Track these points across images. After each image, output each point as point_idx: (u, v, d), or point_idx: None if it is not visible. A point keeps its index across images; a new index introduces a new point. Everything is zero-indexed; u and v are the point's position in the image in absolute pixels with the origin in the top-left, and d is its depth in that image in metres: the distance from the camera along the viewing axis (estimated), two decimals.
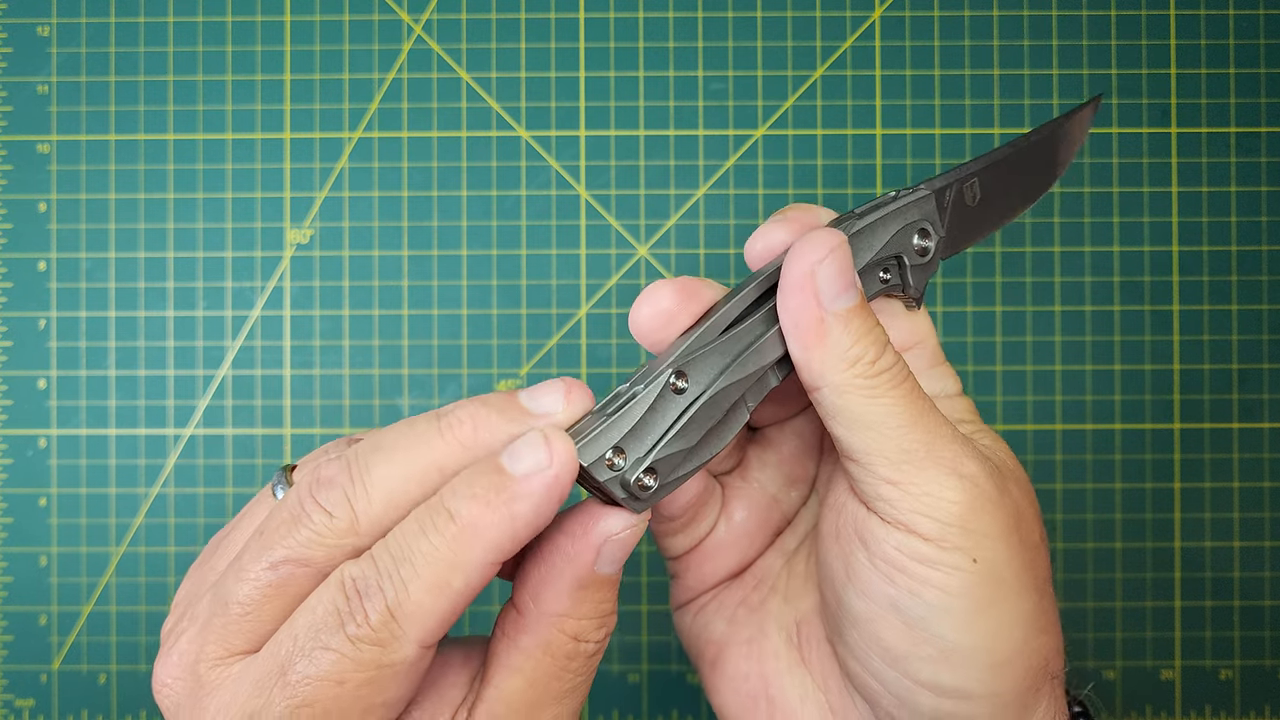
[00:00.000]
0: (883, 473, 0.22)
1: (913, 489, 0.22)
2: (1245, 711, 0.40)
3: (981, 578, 0.22)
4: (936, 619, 0.22)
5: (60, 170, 0.40)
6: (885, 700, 0.23)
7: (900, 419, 0.22)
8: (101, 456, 0.40)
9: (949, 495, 0.22)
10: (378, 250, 0.40)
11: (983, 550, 0.22)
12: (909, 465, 0.22)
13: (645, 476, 0.22)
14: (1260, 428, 0.40)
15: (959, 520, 0.22)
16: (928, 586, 0.22)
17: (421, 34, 0.40)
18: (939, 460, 0.22)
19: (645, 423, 0.22)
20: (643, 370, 0.23)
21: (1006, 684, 0.22)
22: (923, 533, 0.22)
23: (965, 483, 0.22)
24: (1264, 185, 0.40)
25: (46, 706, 0.40)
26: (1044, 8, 0.40)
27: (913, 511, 0.22)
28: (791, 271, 0.22)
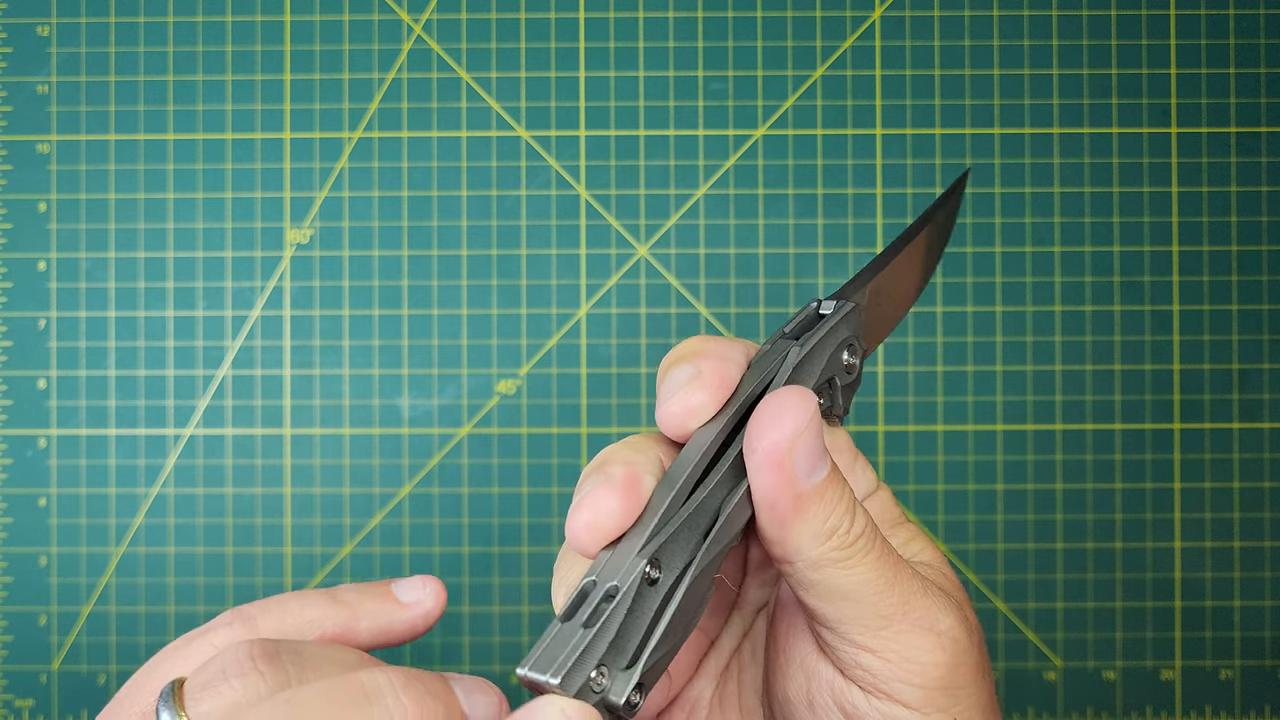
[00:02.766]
0: (860, 640, 0.21)
1: (892, 655, 0.21)
2: (1245, 711, 0.40)
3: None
4: None
5: (60, 170, 0.40)
6: None
7: (876, 585, 0.21)
8: (101, 457, 0.40)
9: (930, 658, 0.21)
10: (377, 250, 0.40)
11: (960, 704, 0.21)
12: (887, 632, 0.21)
13: (633, 694, 0.20)
14: (1260, 428, 0.40)
15: (942, 683, 0.21)
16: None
17: (421, 34, 0.40)
18: (916, 622, 0.21)
19: (625, 629, 0.20)
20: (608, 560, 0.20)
21: None
22: (906, 701, 0.21)
23: (944, 640, 0.21)
24: (1264, 185, 0.40)
25: (46, 706, 0.40)
26: (1044, 8, 0.40)
27: (894, 680, 0.21)
28: (767, 447, 0.20)
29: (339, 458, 0.40)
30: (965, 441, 0.40)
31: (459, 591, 0.40)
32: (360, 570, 0.40)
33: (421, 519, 0.40)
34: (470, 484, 0.40)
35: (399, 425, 0.40)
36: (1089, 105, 0.40)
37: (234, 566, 0.40)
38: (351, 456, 0.40)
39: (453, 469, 0.40)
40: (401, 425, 0.40)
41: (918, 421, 0.40)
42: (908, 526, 0.24)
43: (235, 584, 0.40)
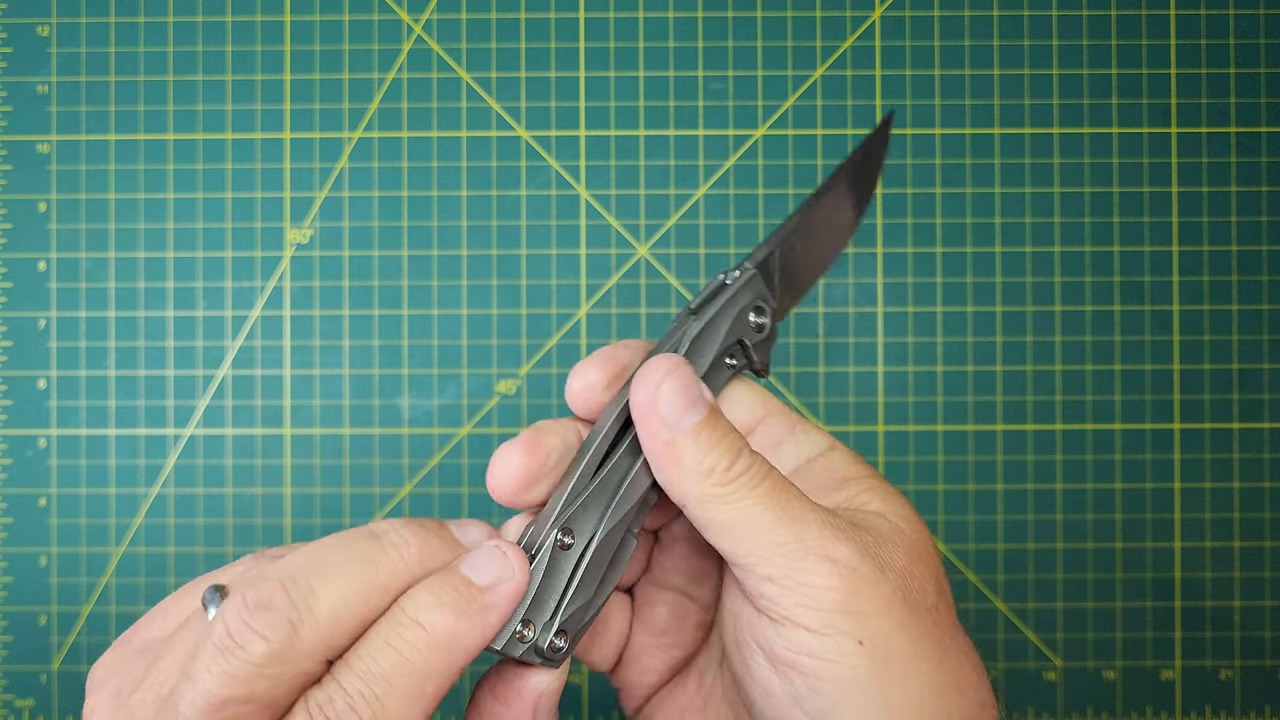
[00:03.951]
0: (760, 571, 0.22)
1: (789, 582, 0.22)
2: (1245, 711, 0.40)
3: (871, 658, 0.22)
4: (838, 709, 0.22)
5: (60, 170, 0.40)
6: None
7: (765, 516, 0.22)
8: (101, 457, 0.40)
9: (823, 583, 0.22)
10: (377, 250, 0.40)
11: (867, 630, 0.22)
12: (782, 559, 0.22)
13: (556, 639, 0.23)
14: (1260, 428, 0.40)
15: (838, 606, 0.22)
16: (822, 680, 0.22)
17: (421, 34, 0.40)
18: (809, 549, 0.22)
19: (544, 589, 0.23)
20: (530, 531, 0.24)
21: None
22: (806, 624, 0.22)
23: (839, 567, 0.22)
24: (1264, 185, 0.40)
25: (46, 707, 0.40)
26: (1044, 7, 0.40)
27: (794, 605, 0.22)
28: (636, 402, 0.23)
29: (339, 458, 0.40)
30: (965, 441, 0.40)
31: None
32: None
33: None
34: (470, 484, 0.40)
35: (399, 425, 0.40)
36: (1089, 105, 0.40)
37: None
38: (352, 456, 0.40)
39: (453, 469, 0.40)
40: (401, 425, 0.40)
41: (918, 421, 0.40)
42: (863, 481, 0.25)
43: None
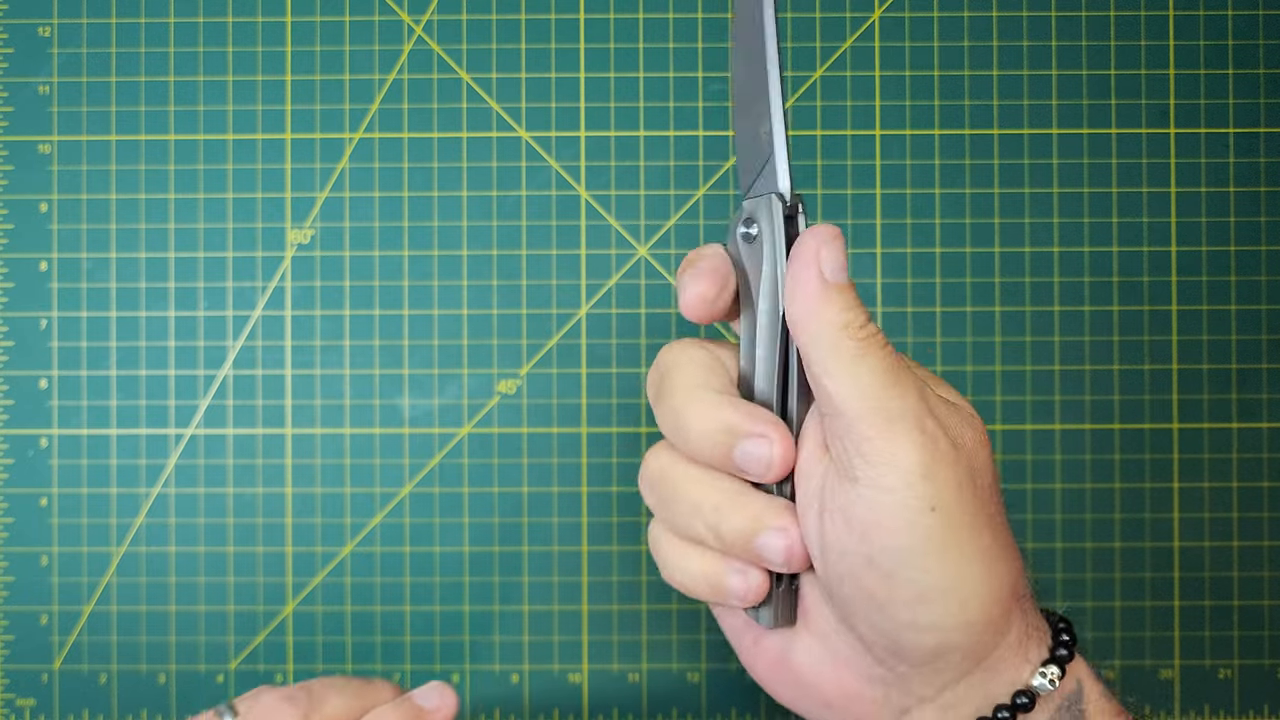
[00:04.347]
0: (861, 429, 0.25)
1: (882, 443, 0.25)
2: (1244, 711, 0.40)
3: (939, 524, 0.25)
4: (907, 566, 0.25)
5: (61, 170, 0.40)
6: (879, 644, 0.26)
7: (877, 378, 0.25)
8: (102, 456, 0.40)
9: (913, 449, 0.25)
10: (378, 250, 0.40)
11: (940, 499, 0.25)
12: (882, 421, 0.25)
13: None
14: (1259, 428, 0.40)
15: (920, 472, 0.24)
16: (896, 537, 0.25)
17: (422, 35, 0.40)
18: (906, 416, 0.25)
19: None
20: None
21: (975, 613, 0.25)
22: (889, 486, 0.24)
23: (926, 438, 0.25)
24: (1263, 186, 0.40)
25: (47, 706, 0.40)
26: (1043, 8, 0.40)
27: (882, 465, 0.25)
28: (802, 250, 0.26)
29: (340, 457, 0.40)
30: None
31: (459, 590, 0.40)
32: (361, 569, 0.40)
33: (422, 518, 0.40)
34: (471, 483, 0.40)
35: (400, 425, 0.40)
36: (1088, 106, 0.40)
37: (235, 566, 0.40)
38: (352, 456, 0.40)
39: (453, 468, 0.40)
40: (402, 425, 0.40)
41: None
42: (934, 376, 0.29)
43: (236, 583, 0.40)
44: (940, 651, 0.26)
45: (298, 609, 0.40)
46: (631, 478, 0.40)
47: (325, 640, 0.40)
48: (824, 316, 0.25)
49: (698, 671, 0.40)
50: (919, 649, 0.26)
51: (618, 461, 0.40)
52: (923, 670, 0.26)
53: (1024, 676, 0.26)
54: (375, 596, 0.40)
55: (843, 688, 0.28)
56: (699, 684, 0.40)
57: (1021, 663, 0.27)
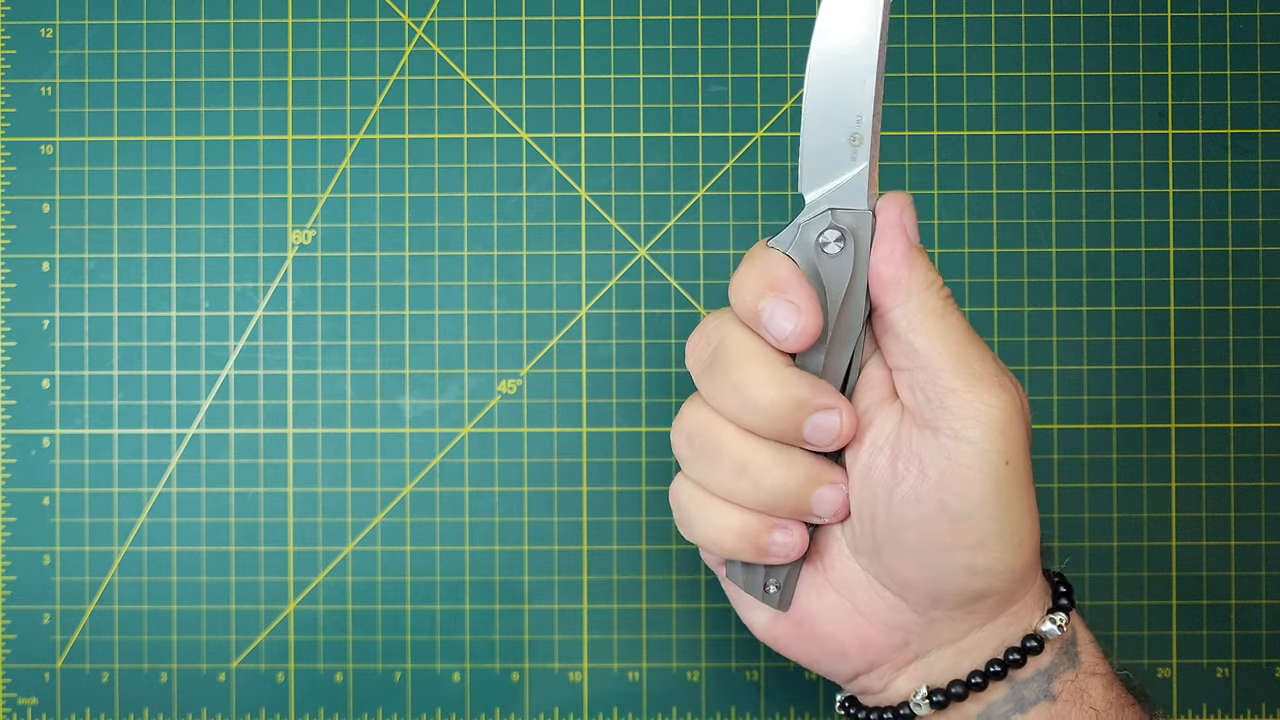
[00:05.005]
0: (946, 381, 0.26)
1: (968, 396, 0.26)
2: (1242, 710, 0.40)
3: (1010, 476, 0.26)
4: (978, 513, 0.26)
5: (63, 171, 0.40)
6: (923, 589, 0.28)
7: (961, 336, 0.27)
8: (105, 456, 0.40)
9: (996, 404, 0.26)
10: (379, 251, 0.40)
11: (1012, 452, 0.26)
12: (967, 375, 0.26)
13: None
14: (1256, 427, 0.40)
15: (1000, 425, 0.26)
16: (971, 486, 0.26)
17: (423, 36, 0.40)
18: (988, 373, 0.27)
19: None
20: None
21: (1022, 560, 0.27)
22: (971, 437, 0.26)
23: (1006, 396, 0.26)
24: (1260, 186, 0.40)
25: (49, 705, 0.40)
26: (1041, 9, 0.40)
27: (967, 417, 0.26)
28: (888, 215, 0.27)
29: (341, 456, 0.40)
30: None
31: (460, 589, 0.40)
32: (362, 568, 0.40)
33: (423, 517, 0.40)
34: (471, 483, 0.40)
35: (401, 424, 0.40)
36: (1086, 107, 0.40)
37: (237, 564, 0.40)
38: (354, 455, 0.40)
39: (454, 468, 0.40)
40: (403, 424, 0.40)
41: None
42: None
43: (238, 582, 0.40)
44: (983, 594, 0.28)
45: (299, 608, 0.40)
46: (632, 477, 0.40)
47: (327, 639, 0.40)
48: (915, 274, 0.27)
49: (698, 670, 0.40)
50: (965, 592, 0.27)
51: (618, 461, 0.40)
52: (956, 614, 0.28)
53: (1035, 622, 0.29)
54: (376, 595, 0.40)
55: (860, 637, 0.29)
56: (699, 683, 0.40)
57: (1036, 609, 0.29)
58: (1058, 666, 0.29)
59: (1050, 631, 0.28)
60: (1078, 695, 0.29)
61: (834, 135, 0.27)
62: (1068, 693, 0.29)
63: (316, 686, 0.40)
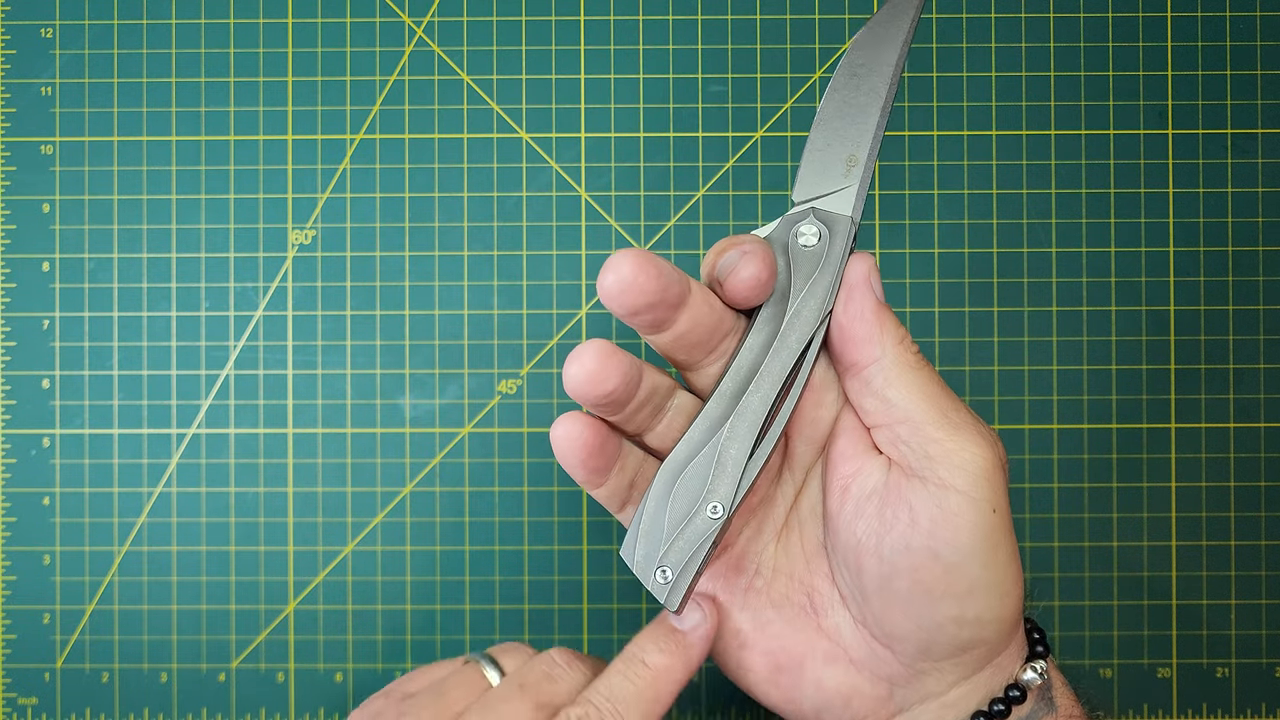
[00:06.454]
0: (930, 432, 0.27)
1: (952, 446, 0.27)
2: (1241, 709, 0.40)
3: (998, 523, 0.27)
4: (968, 560, 0.26)
5: (63, 171, 0.40)
6: (912, 640, 0.28)
7: (935, 389, 0.27)
8: (105, 456, 0.40)
9: (979, 453, 0.27)
10: (380, 251, 0.40)
11: (996, 500, 0.27)
12: (948, 426, 0.27)
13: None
14: (1256, 427, 0.40)
15: (986, 474, 0.27)
16: (961, 534, 0.26)
17: (423, 36, 0.40)
18: (965, 424, 0.27)
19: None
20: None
21: (1009, 609, 0.28)
22: (959, 486, 0.26)
23: (986, 445, 0.27)
24: (1260, 186, 0.40)
25: (50, 705, 0.40)
26: (1041, 10, 0.40)
27: (954, 466, 0.26)
28: (857, 274, 0.28)
29: (341, 456, 0.40)
30: None
31: (461, 589, 0.40)
32: (362, 568, 0.40)
33: (423, 517, 0.40)
34: (472, 483, 0.40)
35: (401, 424, 0.40)
36: (1086, 107, 0.40)
37: (237, 564, 0.40)
38: (354, 455, 0.40)
39: (454, 468, 0.40)
40: (403, 424, 0.40)
41: None
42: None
43: (238, 582, 0.40)
44: (971, 645, 0.28)
45: (299, 607, 0.40)
46: None
47: (327, 639, 0.40)
48: (886, 330, 0.28)
49: (697, 670, 0.40)
50: (953, 643, 0.28)
51: None
52: (944, 665, 0.28)
53: (1016, 671, 0.29)
54: (377, 595, 0.40)
55: (843, 689, 0.30)
56: (699, 683, 0.40)
57: (1017, 658, 0.29)
58: (1036, 714, 0.29)
59: (1032, 680, 0.29)
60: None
61: (834, 155, 0.29)
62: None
63: (316, 686, 0.40)
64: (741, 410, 0.28)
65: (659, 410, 0.29)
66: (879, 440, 0.28)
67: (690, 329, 0.28)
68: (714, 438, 0.28)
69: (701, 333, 0.28)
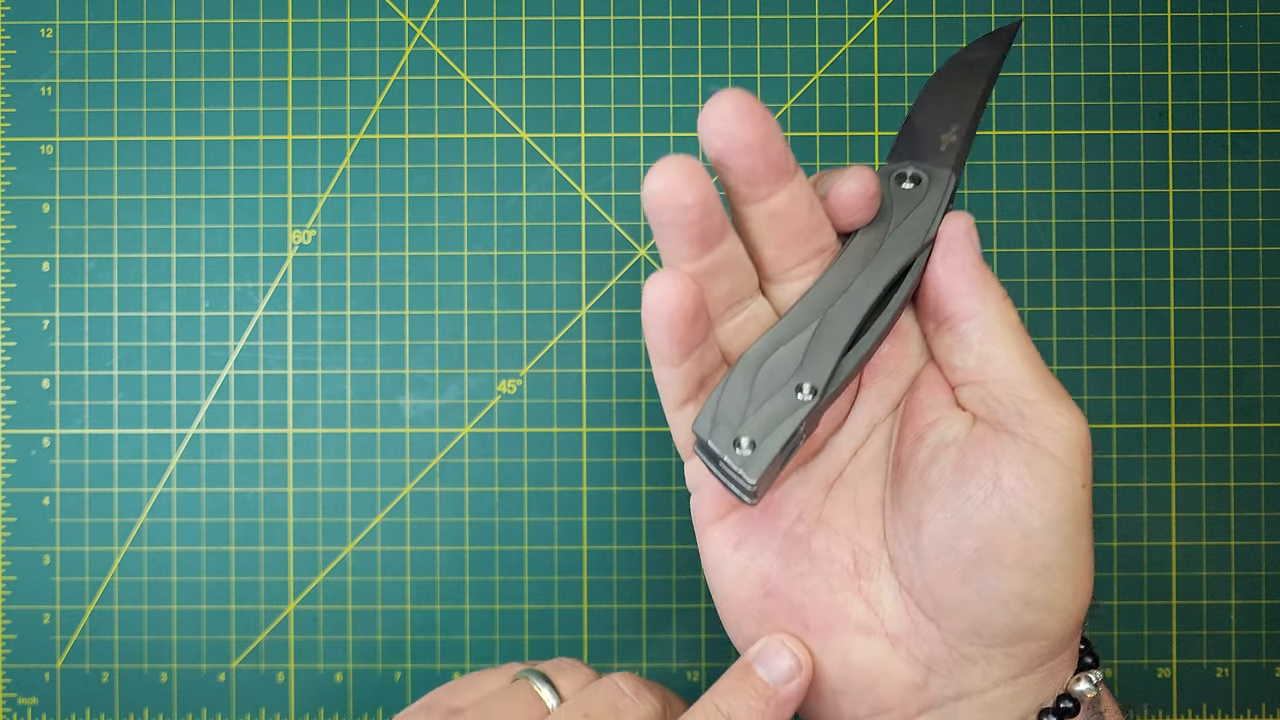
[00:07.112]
0: (1026, 393, 0.25)
1: (1049, 409, 0.25)
2: (1242, 710, 0.40)
3: (1084, 504, 0.25)
4: (1049, 532, 0.24)
5: (63, 171, 0.40)
6: (967, 614, 0.25)
7: (1035, 354, 0.26)
8: (105, 456, 0.40)
9: (1077, 422, 0.25)
10: (380, 251, 0.40)
11: (1087, 478, 0.25)
12: (1046, 390, 0.25)
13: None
14: (1256, 427, 0.40)
15: (1081, 446, 0.25)
16: (1048, 500, 0.24)
17: (423, 36, 0.40)
18: (1064, 394, 0.26)
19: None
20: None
21: (1078, 604, 0.25)
22: (1053, 450, 0.25)
23: (1081, 418, 0.25)
24: (1260, 186, 0.40)
25: (49, 705, 0.40)
26: (1041, 10, 0.40)
27: (1049, 429, 0.25)
28: (961, 232, 0.26)
29: (341, 456, 0.40)
30: None
31: (461, 589, 0.40)
32: (362, 568, 0.40)
33: (423, 517, 0.40)
34: (472, 483, 0.40)
35: (401, 424, 0.40)
36: (1086, 107, 0.40)
37: (237, 564, 0.40)
38: (354, 455, 0.40)
39: (454, 468, 0.40)
40: (403, 424, 0.40)
41: None
42: None
43: (238, 582, 0.40)
44: (1029, 634, 0.25)
45: (299, 607, 0.40)
46: (632, 477, 0.40)
47: (327, 639, 0.40)
48: (990, 285, 0.26)
49: (698, 670, 0.40)
50: (1012, 626, 0.25)
51: (618, 461, 0.40)
52: (994, 655, 0.26)
53: (1069, 681, 0.27)
54: (377, 595, 0.40)
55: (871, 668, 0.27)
56: (699, 683, 0.40)
57: (1068, 667, 0.27)
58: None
59: (1086, 691, 0.26)
60: None
61: (928, 130, 0.28)
62: None
63: (316, 686, 0.40)
64: (833, 315, 0.26)
65: (735, 299, 0.26)
66: (966, 398, 0.26)
67: (788, 208, 0.25)
68: (804, 331, 0.26)
69: (799, 223, 0.26)
